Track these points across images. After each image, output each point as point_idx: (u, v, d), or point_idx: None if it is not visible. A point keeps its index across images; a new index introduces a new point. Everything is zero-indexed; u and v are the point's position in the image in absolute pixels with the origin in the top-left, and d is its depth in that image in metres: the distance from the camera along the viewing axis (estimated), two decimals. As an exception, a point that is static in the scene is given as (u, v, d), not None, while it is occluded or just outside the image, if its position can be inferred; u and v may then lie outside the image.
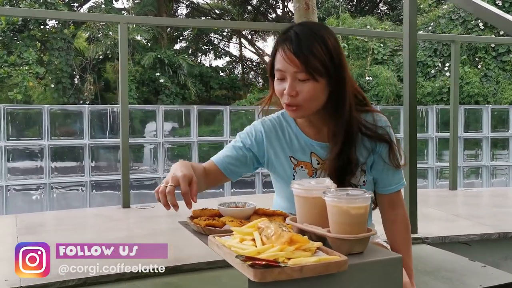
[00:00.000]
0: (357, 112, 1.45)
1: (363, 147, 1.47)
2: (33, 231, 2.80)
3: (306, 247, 1.05)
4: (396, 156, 1.49)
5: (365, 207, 1.12)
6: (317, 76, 1.34)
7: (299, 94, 1.36)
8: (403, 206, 1.57)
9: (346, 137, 1.42)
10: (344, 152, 1.42)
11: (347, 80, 1.40)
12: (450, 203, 3.60)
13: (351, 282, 1.04)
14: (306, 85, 1.35)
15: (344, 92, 1.39)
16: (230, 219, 1.33)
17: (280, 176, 1.53)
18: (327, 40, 1.36)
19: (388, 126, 1.49)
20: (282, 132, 1.53)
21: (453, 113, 3.93)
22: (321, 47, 1.34)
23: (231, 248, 1.07)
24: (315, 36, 1.35)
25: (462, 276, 1.93)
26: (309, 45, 1.33)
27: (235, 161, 1.51)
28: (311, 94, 1.36)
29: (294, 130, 1.52)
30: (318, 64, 1.33)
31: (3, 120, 5.93)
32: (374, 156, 1.49)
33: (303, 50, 1.33)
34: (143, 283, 1.92)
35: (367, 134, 1.45)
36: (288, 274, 0.96)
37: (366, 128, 1.45)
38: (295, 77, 1.35)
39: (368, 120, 1.47)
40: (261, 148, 1.52)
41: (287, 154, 1.51)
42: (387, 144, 1.47)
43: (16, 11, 7.81)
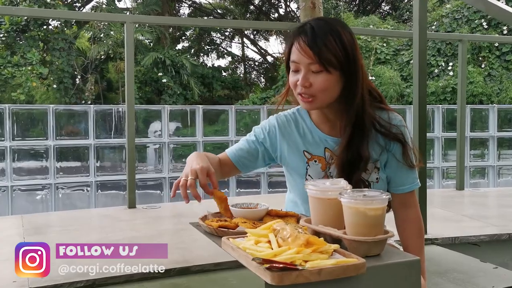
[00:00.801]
0: (372, 109, 1.46)
1: (377, 144, 1.47)
2: (39, 231, 2.79)
3: (323, 249, 1.03)
4: (410, 156, 1.49)
5: (382, 209, 1.11)
6: (330, 68, 1.36)
7: (312, 85, 1.38)
8: (417, 206, 1.56)
9: (356, 131, 1.43)
10: (354, 146, 1.43)
11: (361, 75, 1.42)
12: (457, 203, 3.58)
13: (369, 285, 1.02)
14: (319, 76, 1.38)
15: (356, 86, 1.41)
16: (242, 220, 1.31)
17: (293, 170, 1.54)
18: (342, 34, 1.38)
19: (403, 126, 1.49)
20: (296, 127, 1.54)
21: (461, 113, 3.90)
22: (336, 40, 1.37)
23: (246, 250, 1.06)
24: (330, 30, 1.38)
25: (474, 277, 1.91)
26: (323, 38, 1.36)
27: (247, 155, 1.55)
28: (324, 85, 1.38)
29: (308, 125, 1.53)
30: (332, 57, 1.36)
31: (9, 120, 5.93)
32: (388, 155, 1.49)
33: (317, 43, 1.36)
34: (152, 284, 1.90)
35: (380, 132, 1.46)
36: (306, 277, 0.95)
37: (380, 125, 1.46)
38: (308, 68, 1.38)
39: (383, 117, 1.47)
40: (274, 142, 1.55)
41: (301, 148, 1.52)
42: (400, 144, 1.47)
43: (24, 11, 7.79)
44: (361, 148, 1.43)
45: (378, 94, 1.52)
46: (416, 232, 1.53)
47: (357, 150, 1.42)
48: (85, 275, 1.92)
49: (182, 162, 7.00)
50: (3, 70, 12.05)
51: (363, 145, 1.43)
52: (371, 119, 1.45)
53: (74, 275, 1.90)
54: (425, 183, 2.44)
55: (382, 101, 1.52)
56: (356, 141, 1.43)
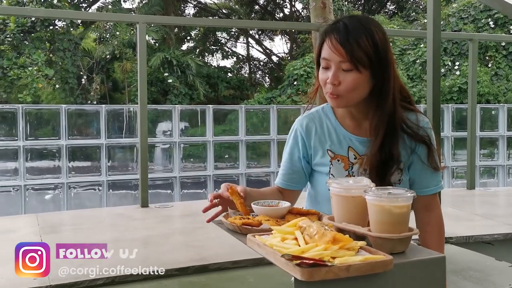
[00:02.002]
0: (401, 109, 1.45)
1: (403, 145, 1.46)
2: (55, 230, 2.82)
3: (350, 246, 1.04)
4: (435, 159, 1.48)
5: (407, 206, 1.12)
6: (360, 67, 1.35)
7: (342, 83, 1.38)
8: (439, 209, 1.56)
9: (388, 131, 1.42)
10: (386, 146, 1.42)
11: (392, 75, 1.41)
12: (469, 202, 3.58)
13: (395, 282, 1.04)
14: (349, 75, 1.37)
15: (388, 86, 1.40)
16: (265, 218, 1.32)
17: (317, 169, 1.54)
18: (374, 33, 1.37)
19: (429, 128, 1.49)
20: (320, 126, 1.54)
21: (471, 112, 3.90)
22: (368, 39, 1.36)
23: (273, 247, 1.07)
24: (363, 29, 1.37)
25: (490, 275, 1.92)
26: (356, 37, 1.35)
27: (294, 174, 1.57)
28: (353, 84, 1.37)
29: (333, 123, 1.53)
30: (363, 56, 1.35)
31: (22, 120, 5.99)
32: (413, 156, 1.48)
33: (349, 41, 1.35)
34: (171, 281, 1.92)
35: (407, 133, 1.45)
36: (335, 273, 0.96)
37: (408, 126, 1.45)
38: (339, 66, 1.37)
39: (411, 119, 1.46)
40: (304, 147, 1.55)
41: (325, 147, 1.52)
42: (426, 146, 1.46)
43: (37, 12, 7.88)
44: (393, 149, 1.42)
45: (408, 95, 1.51)
46: (438, 235, 1.54)
47: (390, 150, 1.42)
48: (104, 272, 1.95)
49: (192, 161, 7.04)
50: (9, 71, 12.11)
51: (395, 146, 1.43)
52: (400, 120, 1.44)
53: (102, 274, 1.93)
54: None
55: (411, 102, 1.52)
56: (389, 142, 1.42)
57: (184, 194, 6.56)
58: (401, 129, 1.45)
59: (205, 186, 6.67)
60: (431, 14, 2.40)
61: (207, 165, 6.65)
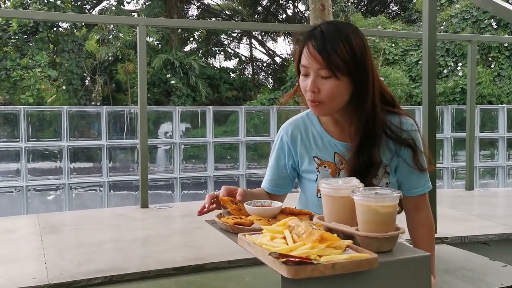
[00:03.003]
0: (384, 113, 1.46)
1: (387, 148, 1.48)
2: (56, 230, 2.85)
3: (337, 244, 1.07)
4: (420, 160, 1.49)
5: (394, 206, 1.14)
6: (338, 74, 1.36)
7: (321, 90, 1.38)
8: (429, 209, 1.58)
9: (366, 136, 1.43)
10: (364, 152, 1.43)
11: (371, 79, 1.41)
12: (467, 203, 3.59)
13: (381, 279, 1.06)
14: (328, 82, 1.37)
15: (366, 91, 1.40)
16: (257, 217, 1.35)
17: (305, 175, 1.57)
18: (352, 39, 1.37)
19: (414, 130, 1.49)
20: (305, 133, 1.55)
21: (470, 114, 3.92)
22: (345, 46, 1.36)
23: (262, 245, 1.09)
24: (340, 35, 1.37)
25: (483, 275, 1.94)
26: (333, 44, 1.35)
27: (280, 180, 1.60)
28: (332, 91, 1.38)
29: (318, 130, 1.54)
30: (340, 62, 1.35)
31: (24, 121, 6.05)
32: (399, 159, 1.49)
33: (326, 48, 1.35)
34: (168, 281, 1.95)
35: (391, 137, 1.46)
36: (321, 271, 0.98)
37: (391, 130, 1.46)
38: (317, 73, 1.38)
39: (394, 122, 1.47)
40: (290, 154, 1.58)
41: (311, 154, 1.54)
42: (410, 149, 1.48)
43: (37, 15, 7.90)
44: (372, 154, 1.43)
45: (391, 97, 1.52)
46: (427, 234, 1.57)
47: (368, 155, 1.43)
48: (101, 271, 1.99)
49: (193, 162, 7.08)
50: (12, 72, 12.18)
51: (374, 150, 1.44)
52: (381, 124, 1.45)
53: (100, 273, 1.97)
54: (435, 184, 2.47)
55: (395, 105, 1.52)
56: (367, 147, 1.43)
57: (185, 195, 6.61)
58: (385, 134, 1.46)
59: (206, 187, 6.71)
60: (427, 15, 2.42)
61: (208, 166, 6.69)
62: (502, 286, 1.85)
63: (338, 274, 1.00)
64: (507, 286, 1.87)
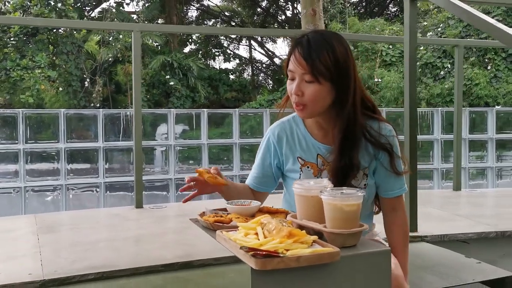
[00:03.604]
0: (364, 119, 1.56)
1: (366, 152, 1.57)
2: (52, 229, 2.95)
3: (303, 240, 1.17)
4: (397, 165, 1.59)
5: (357, 205, 1.24)
6: (321, 79, 1.47)
7: (304, 94, 1.49)
8: (403, 210, 1.68)
9: (346, 139, 1.53)
10: (346, 154, 1.53)
11: (353, 86, 1.51)
12: (453, 203, 3.68)
13: (343, 271, 1.16)
14: (311, 86, 1.48)
15: (346, 97, 1.50)
16: (236, 216, 1.45)
17: (289, 175, 1.66)
18: (336, 48, 1.48)
19: (392, 136, 1.59)
20: (291, 135, 1.65)
21: (457, 116, 4.02)
22: (329, 54, 1.47)
23: (236, 241, 1.19)
24: (325, 43, 1.48)
25: (457, 271, 2.03)
26: (317, 51, 1.46)
27: (264, 178, 1.70)
28: (315, 95, 1.48)
29: (302, 132, 1.64)
30: (323, 69, 1.46)
31: (22, 124, 6.16)
32: (377, 163, 1.59)
33: (311, 55, 1.46)
34: (156, 277, 2.05)
35: (370, 141, 1.56)
36: (286, 263, 1.08)
37: (370, 135, 1.56)
38: (302, 78, 1.49)
39: (373, 127, 1.57)
40: (276, 154, 1.68)
41: (295, 155, 1.64)
42: (387, 153, 1.57)
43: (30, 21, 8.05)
44: (352, 156, 1.53)
45: (372, 104, 1.62)
46: (402, 233, 1.66)
47: (349, 157, 1.52)
48: (94, 268, 2.09)
49: (188, 164, 7.18)
50: (12, 72, 12.26)
51: (354, 153, 1.53)
52: (361, 128, 1.54)
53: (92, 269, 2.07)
54: (416, 185, 2.56)
55: (375, 111, 1.62)
56: (348, 149, 1.52)
57: (180, 195, 6.71)
58: (364, 137, 1.55)
59: (200, 188, 6.78)
60: (408, 21, 2.53)
61: (202, 167, 6.76)
62: (473, 281, 1.95)
63: (303, 266, 1.10)
64: (479, 281, 1.97)
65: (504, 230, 2.64)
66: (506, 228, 2.68)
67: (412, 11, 2.52)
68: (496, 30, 1.87)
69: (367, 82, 13.04)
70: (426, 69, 12.90)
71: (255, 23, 21.18)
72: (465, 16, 2.08)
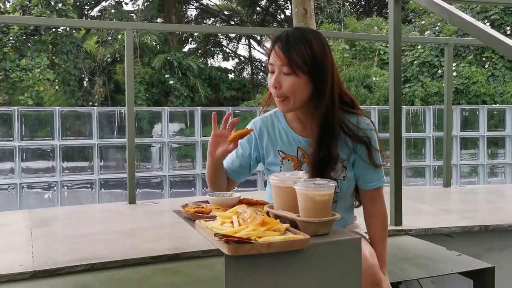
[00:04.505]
0: (342, 113, 1.62)
1: (345, 145, 1.63)
2: (45, 224, 3.00)
3: (276, 228, 1.22)
4: (375, 157, 1.65)
5: (329, 195, 1.29)
6: (298, 72, 1.53)
7: (282, 86, 1.56)
8: (382, 201, 1.73)
9: (324, 133, 1.59)
10: (324, 146, 1.58)
11: (329, 80, 1.57)
12: (440, 199, 3.73)
13: (314, 258, 1.21)
14: (288, 78, 1.55)
15: (323, 90, 1.56)
16: (216, 206, 1.51)
17: (270, 168, 1.72)
18: (313, 43, 1.55)
19: (370, 129, 1.65)
20: (272, 128, 1.71)
21: (447, 114, 4.07)
22: (306, 48, 1.54)
23: (213, 229, 1.25)
24: (302, 38, 1.56)
25: (437, 262, 2.09)
26: (295, 45, 1.54)
27: (240, 168, 1.75)
28: (292, 87, 1.55)
29: (283, 126, 1.70)
30: (300, 62, 1.53)
31: (17, 121, 6.23)
32: (355, 156, 1.65)
33: (289, 48, 1.54)
34: (145, 268, 2.10)
35: (348, 134, 1.62)
36: (258, 249, 1.14)
37: (348, 128, 1.62)
38: (280, 70, 1.56)
39: (352, 121, 1.63)
40: (256, 147, 1.73)
41: (276, 148, 1.70)
42: (365, 146, 1.63)
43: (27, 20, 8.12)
44: (331, 148, 1.58)
45: (351, 100, 1.68)
46: (381, 224, 1.71)
47: (328, 150, 1.58)
48: (84, 259, 2.14)
49: (182, 161, 7.26)
50: (11, 73, 12.31)
51: (333, 145, 1.59)
52: (339, 122, 1.60)
53: (82, 261, 2.12)
54: (400, 180, 2.62)
55: (355, 106, 1.68)
56: (326, 142, 1.58)
57: (173, 193, 6.79)
58: (342, 131, 1.61)
59: (194, 185, 6.88)
60: (392, 20, 2.58)
61: (196, 165, 6.85)
62: (451, 272, 2.01)
63: (274, 252, 1.16)
64: (457, 272, 2.03)
65: (488, 224, 2.69)
66: (490, 222, 2.73)
67: (397, 10, 2.57)
68: (473, 28, 1.92)
69: (365, 81, 13.09)
70: (424, 67, 12.94)
71: (254, 22, 21.22)
72: (446, 14, 2.13)
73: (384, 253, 1.70)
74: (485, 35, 1.83)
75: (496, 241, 2.73)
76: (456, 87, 11.89)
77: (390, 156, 2.57)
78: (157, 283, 1.95)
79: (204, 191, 6.61)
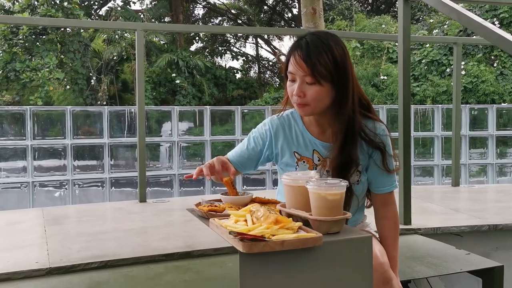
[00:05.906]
0: (361, 117, 1.63)
1: (360, 150, 1.65)
2: (58, 222, 3.05)
3: (289, 226, 1.25)
4: (388, 163, 1.67)
5: (340, 194, 1.32)
6: (322, 81, 1.54)
7: (306, 95, 1.56)
8: (394, 205, 1.75)
9: (347, 137, 1.60)
10: (346, 150, 1.60)
11: (351, 85, 1.58)
12: (450, 198, 3.74)
13: (326, 256, 1.24)
14: (312, 87, 1.55)
15: (347, 96, 1.58)
16: (229, 205, 1.54)
17: (285, 168, 1.74)
18: (334, 49, 1.55)
19: (385, 135, 1.67)
20: (289, 129, 1.73)
21: (456, 113, 4.08)
22: (328, 55, 1.53)
23: (227, 227, 1.28)
24: (323, 45, 1.55)
25: (446, 261, 2.11)
26: (317, 53, 1.53)
27: (248, 161, 1.76)
28: (316, 96, 1.55)
29: (300, 128, 1.72)
30: (324, 70, 1.52)
31: (30, 121, 6.32)
32: (370, 161, 1.67)
33: (311, 57, 1.53)
34: (157, 265, 2.14)
35: (365, 139, 1.64)
36: (271, 247, 1.17)
37: (365, 134, 1.64)
38: (303, 80, 1.56)
39: (368, 126, 1.65)
40: (270, 145, 1.75)
41: (292, 149, 1.72)
42: (380, 152, 1.65)
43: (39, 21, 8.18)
44: (352, 152, 1.60)
45: (368, 103, 1.69)
46: (393, 226, 1.73)
47: (349, 153, 1.60)
48: (98, 257, 2.18)
49: (192, 160, 7.31)
50: (21, 74, 12.42)
51: (354, 149, 1.61)
52: (359, 126, 1.61)
53: (95, 258, 2.16)
54: (409, 179, 2.63)
55: (370, 110, 1.69)
56: (348, 146, 1.60)
57: (183, 191, 6.83)
58: (360, 136, 1.63)
59: (203, 184, 6.93)
60: (401, 20, 2.59)
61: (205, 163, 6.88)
62: (460, 270, 2.03)
63: (287, 250, 1.19)
64: (466, 270, 2.04)
65: (497, 223, 2.70)
66: (499, 221, 2.74)
67: (406, 10, 2.58)
68: (482, 29, 1.93)
69: (373, 80, 13.07)
70: (432, 66, 12.90)
71: (261, 21, 21.23)
72: (455, 15, 2.14)
73: (396, 255, 1.72)
74: (494, 36, 1.84)
75: (505, 240, 2.74)
76: (464, 86, 11.84)
77: (399, 155, 2.59)
78: (170, 280, 1.98)
79: (213, 190, 6.64)
